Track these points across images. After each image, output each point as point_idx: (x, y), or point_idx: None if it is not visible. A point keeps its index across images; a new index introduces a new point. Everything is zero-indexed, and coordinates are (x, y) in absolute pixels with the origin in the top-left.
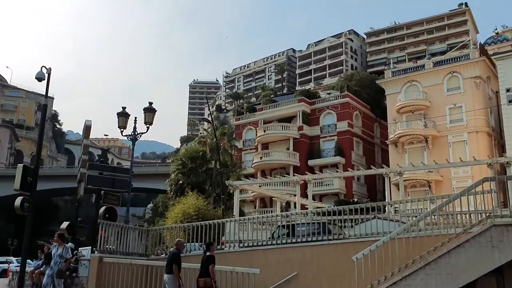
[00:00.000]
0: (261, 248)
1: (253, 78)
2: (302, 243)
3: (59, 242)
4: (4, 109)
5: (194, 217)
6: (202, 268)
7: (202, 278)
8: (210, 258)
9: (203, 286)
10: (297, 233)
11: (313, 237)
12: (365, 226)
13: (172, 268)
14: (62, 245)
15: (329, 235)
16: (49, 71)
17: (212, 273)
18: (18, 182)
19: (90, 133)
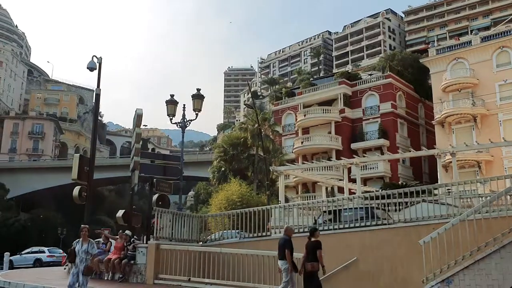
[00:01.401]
0: None
1: (288, 63)
2: (348, 229)
3: (83, 236)
4: (47, 103)
5: (238, 204)
6: (309, 254)
7: (310, 262)
8: (316, 244)
9: (311, 270)
10: (343, 219)
11: (361, 222)
12: (415, 210)
13: (285, 253)
14: (87, 240)
15: (377, 220)
16: (99, 60)
17: (320, 258)
18: (75, 172)
19: (141, 121)
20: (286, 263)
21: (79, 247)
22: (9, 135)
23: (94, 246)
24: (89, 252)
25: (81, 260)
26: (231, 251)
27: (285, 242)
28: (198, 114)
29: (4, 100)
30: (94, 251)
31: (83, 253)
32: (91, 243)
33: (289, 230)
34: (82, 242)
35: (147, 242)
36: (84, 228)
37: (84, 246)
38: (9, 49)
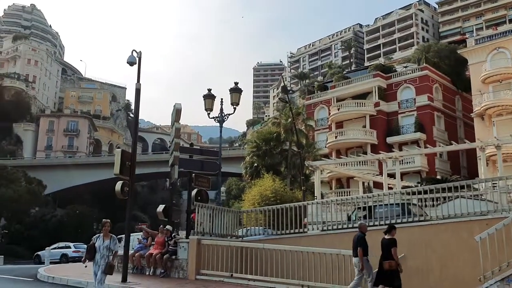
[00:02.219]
0: (346, 230)
1: (318, 57)
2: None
3: (105, 231)
4: (81, 101)
5: (272, 199)
6: (384, 252)
7: (387, 261)
8: (392, 241)
9: (388, 268)
10: (376, 215)
11: (397, 219)
12: (453, 205)
13: (357, 251)
14: (109, 235)
15: (412, 216)
16: (139, 55)
17: (395, 256)
18: (117, 167)
19: (180, 116)
20: (359, 260)
21: (100, 242)
22: (45, 133)
23: (116, 242)
24: (111, 249)
25: (102, 257)
26: (275, 247)
27: (359, 239)
28: (236, 108)
29: (39, 98)
30: (116, 248)
31: (104, 249)
32: (114, 239)
33: (364, 227)
34: (104, 238)
35: (187, 237)
36: (106, 223)
37: (106, 242)
38: (44, 49)
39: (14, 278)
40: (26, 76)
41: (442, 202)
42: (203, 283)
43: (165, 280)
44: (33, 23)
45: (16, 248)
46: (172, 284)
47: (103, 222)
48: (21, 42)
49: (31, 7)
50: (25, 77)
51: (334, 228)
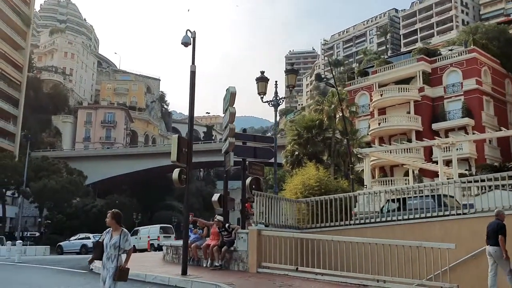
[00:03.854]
0: (399, 222)
1: (353, 43)
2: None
3: (112, 224)
4: (117, 93)
5: (316, 189)
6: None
7: None
8: (501, 226)
9: None
10: (410, 207)
11: (432, 211)
12: (487, 198)
13: (498, 239)
14: (119, 229)
15: (448, 209)
16: (193, 35)
17: (502, 243)
18: (174, 154)
19: (235, 100)
20: (499, 249)
21: (107, 239)
22: (83, 125)
23: (127, 238)
24: (120, 247)
25: (108, 258)
26: (345, 239)
27: (500, 227)
28: (292, 90)
29: (77, 91)
30: (127, 246)
31: (111, 248)
32: (124, 234)
33: (502, 215)
34: (112, 233)
35: (242, 227)
36: (111, 214)
37: (114, 239)
38: (79, 42)
39: (68, 270)
40: (63, 69)
41: (476, 195)
42: (267, 277)
43: (226, 273)
44: (68, 17)
45: (58, 238)
46: (235, 277)
47: (108, 213)
48: (58, 35)
49: (66, 1)
50: (62, 70)
51: (388, 220)
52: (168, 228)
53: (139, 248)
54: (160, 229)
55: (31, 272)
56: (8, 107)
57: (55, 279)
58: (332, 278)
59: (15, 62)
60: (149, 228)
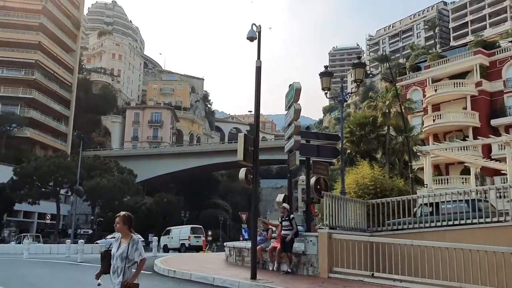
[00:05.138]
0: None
1: (399, 38)
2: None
3: (122, 230)
4: (163, 93)
5: (371, 188)
6: None
7: None
8: None
9: None
10: (443, 211)
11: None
12: None
13: None
14: (128, 236)
15: (485, 216)
16: (258, 29)
17: None
18: (241, 153)
19: (299, 96)
20: None
21: (115, 248)
22: (131, 124)
23: (138, 247)
24: (129, 258)
25: (114, 271)
26: (426, 244)
27: None
28: (359, 84)
29: (124, 91)
30: (136, 256)
31: (118, 260)
32: (134, 242)
33: None
34: (121, 241)
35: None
36: (117, 217)
37: (121, 248)
38: (126, 43)
39: None
40: (111, 70)
41: None
42: (341, 283)
43: (296, 278)
44: (115, 19)
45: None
46: (307, 283)
47: (116, 217)
48: (106, 37)
49: (112, 4)
50: (110, 71)
51: (456, 224)
52: (198, 228)
53: (171, 248)
54: (191, 230)
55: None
56: (60, 108)
57: None
58: (411, 285)
59: (66, 64)
60: (181, 228)
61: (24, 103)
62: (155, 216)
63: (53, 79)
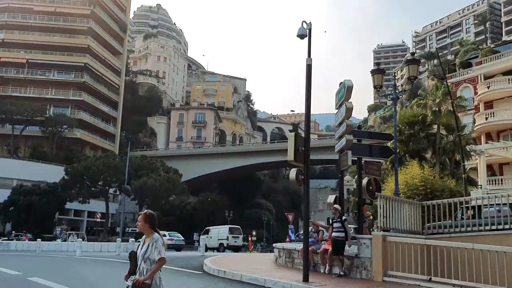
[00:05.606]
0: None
1: (447, 34)
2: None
3: (145, 229)
4: (206, 94)
5: (421, 189)
6: None
7: None
8: None
9: None
10: (485, 215)
11: None
12: None
13: None
14: (150, 234)
15: None
16: (309, 26)
17: None
18: (291, 153)
19: (351, 94)
20: None
21: (139, 249)
22: (175, 125)
23: (157, 246)
24: (150, 258)
25: (140, 273)
26: (489, 248)
27: None
28: (414, 81)
29: (169, 92)
30: (155, 255)
31: (141, 260)
32: (154, 240)
33: None
34: (145, 241)
35: (359, 232)
36: (141, 214)
37: (143, 248)
38: (171, 46)
39: (182, 270)
40: (156, 72)
41: None
42: (398, 287)
43: (350, 282)
44: (159, 22)
45: None
46: (361, 286)
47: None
48: (151, 40)
49: (157, 7)
50: (156, 73)
51: None
52: (236, 229)
53: (210, 247)
54: (229, 230)
55: None
56: (108, 109)
57: (174, 280)
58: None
59: (114, 66)
60: (219, 228)
61: (74, 105)
62: (200, 215)
63: (101, 82)
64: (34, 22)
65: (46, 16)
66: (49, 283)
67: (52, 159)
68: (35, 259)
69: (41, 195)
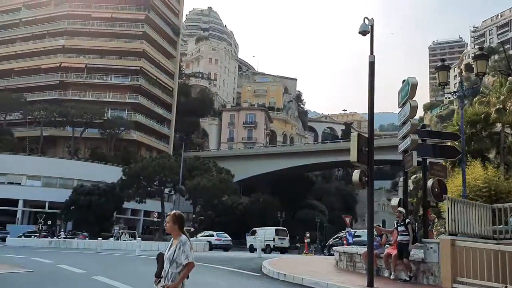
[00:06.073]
0: None
1: (509, 28)
2: None
3: (173, 230)
4: (256, 94)
5: (484, 191)
6: None
7: None
8: None
9: None
10: None
11: None
12: None
13: None
14: (178, 236)
15: None
16: (371, 22)
17: None
18: (354, 154)
19: (415, 92)
20: None
21: (166, 251)
22: (227, 126)
23: (185, 249)
24: (177, 262)
25: (165, 276)
26: None
27: None
28: (482, 78)
29: (220, 94)
30: (182, 259)
31: (167, 263)
32: (181, 243)
33: None
34: (172, 242)
35: (424, 236)
36: (168, 216)
37: (171, 250)
38: (222, 48)
39: (239, 271)
40: (208, 74)
41: None
42: None
43: (416, 287)
44: (211, 24)
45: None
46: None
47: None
48: (203, 43)
49: (208, 10)
50: (207, 75)
51: None
52: (283, 230)
53: (257, 248)
54: (275, 231)
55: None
56: (163, 111)
57: (232, 281)
58: None
59: (168, 70)
60: (266, 229)
61: (130, 107)
62: (252, 216)
63: (156, 85)
64: (92, 28)
65: (103, 22)
66: (114, 282)
67: (110, 160)
68: (97, 257)
69: (100, 195)
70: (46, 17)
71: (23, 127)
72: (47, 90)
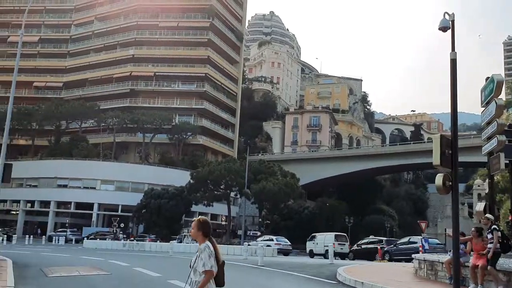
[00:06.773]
0: None
1: None
2: None
3: (198, 236)
4: (320, 96)
5: None
6: None
7: None
8: None
9: None
10: None
11: None
12: None
13: None
14: (202, 243)
15: None
16: (452, 17)
17: None
18: (437, 157)
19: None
20: None
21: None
22: (290, 129)
23: (205, 255)
24: (196, 269)
25: (190, 284)
26: None
27: None
28: None
29: (283, 97)
30: (201, 267)
31: (190, 270)
32: (201, 250)
33: None
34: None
35: None
36: (193, 222)
37: (194, 257)
38: (284, 51)
39: (315, 278)
40: (271, 78)
41: None
42: None
43: None
44: (273, 29)
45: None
46: None
47: None
48: (265, 47)
49: (270, 14)
50: (270, 79)
51: None
52: (343, 236)
53: (317, 253)
54: (335, 237)
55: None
56: (227, 116)
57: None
58: None
59: (232, 75)
60: (325, 235)
61: (196, 113)
62: (318, 220)
63: (220, 90)
64: (159, 37)
65: (170, 31)
66: None
67: (178, 164)
68: (170, 260)
69: (169, 198)
70: (116, 28)
71: (97, 134)
72: (119, 98)
